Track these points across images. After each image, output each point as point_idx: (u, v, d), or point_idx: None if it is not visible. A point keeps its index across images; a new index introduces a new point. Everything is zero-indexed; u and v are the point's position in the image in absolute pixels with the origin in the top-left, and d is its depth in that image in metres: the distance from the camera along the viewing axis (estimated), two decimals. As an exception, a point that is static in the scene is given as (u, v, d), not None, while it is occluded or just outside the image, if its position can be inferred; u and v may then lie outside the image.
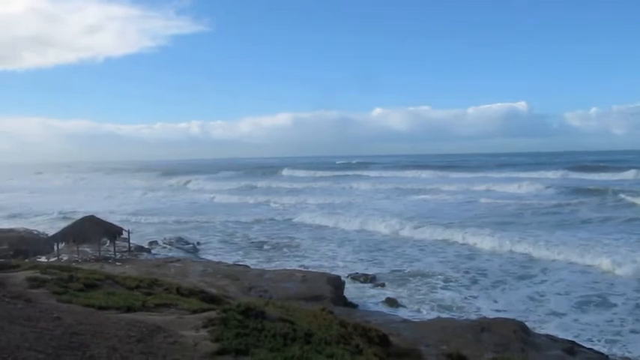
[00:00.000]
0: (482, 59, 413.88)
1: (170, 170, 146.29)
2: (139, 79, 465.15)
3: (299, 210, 55.78)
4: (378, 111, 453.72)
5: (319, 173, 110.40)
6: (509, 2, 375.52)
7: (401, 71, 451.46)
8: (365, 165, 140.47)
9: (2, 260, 18.00)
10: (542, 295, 24.73)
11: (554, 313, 22.31)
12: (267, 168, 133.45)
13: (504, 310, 22.38)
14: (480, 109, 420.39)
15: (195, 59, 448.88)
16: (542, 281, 27.03)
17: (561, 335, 18.80)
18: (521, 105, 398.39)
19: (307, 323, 10.64)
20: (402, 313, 21.93)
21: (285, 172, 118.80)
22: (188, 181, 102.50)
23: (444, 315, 21.69)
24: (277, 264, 31.59)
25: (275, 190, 79.69)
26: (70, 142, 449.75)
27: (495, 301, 24.17)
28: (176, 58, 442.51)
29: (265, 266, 30.49)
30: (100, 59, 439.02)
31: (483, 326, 17.80)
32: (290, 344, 8.60)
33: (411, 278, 27.89)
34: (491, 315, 20.89)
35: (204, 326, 8.83)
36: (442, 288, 26.22)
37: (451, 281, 27.24)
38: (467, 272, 28.86)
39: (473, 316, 21.14)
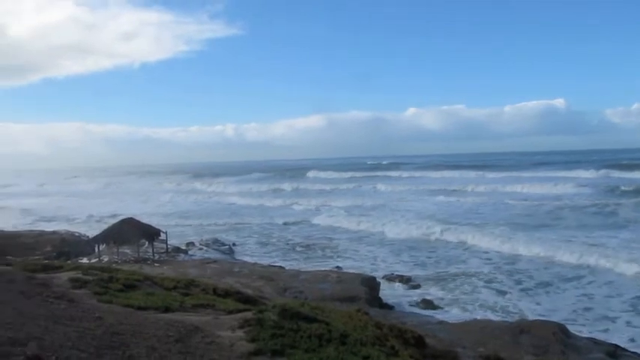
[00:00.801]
0: (519, 56, 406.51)
1: (205, 172, 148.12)
2: (174, 84, 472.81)
3: (330, 211, 55.42)
4: (412, 111, 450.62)
5: (350, 174, 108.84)
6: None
7: (435, 70, 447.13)
8: (397, 165, 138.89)
9: (46, 261, 18.52)
10: (590, 298, 23.91)
11: (605, 317, 21.48)
12: (299, 170, 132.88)
13: (548, 313, 21.77)
14: (517, 106, 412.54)
15: (229, 62, 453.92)
16: (590, 282, 26.10)
17: (612, 339, 18.05)
18: (559, 102, 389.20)
19: (342, 324, 10.65)
20: (439, 315, 21.69)
21: (319, 174, 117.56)
22: (221, 183, 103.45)
23: (483, 317, 21.33)
24: (312, 265, 31.66)
25: (308, 192, 79.22)
26: (108, 147, 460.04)
27: (538, 304, 23.50)
28: (210, 61, 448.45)
29: (300, 267, 30.61)
30: (137, 65, 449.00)
31: (522, 328, 17.47)
32: (325, 345, 8.63)
33: (448, 280, 27.49)
34: (536, 317, 20.31)
35: (241, 327, 8.93)
36: (482, 289, 25.67)
37: (492, 282, 26.66)
38: (510, 274, 28.11)
39: (516, 318, 20.63)
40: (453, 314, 22.06)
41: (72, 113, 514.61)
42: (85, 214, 59.52)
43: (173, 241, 36.27)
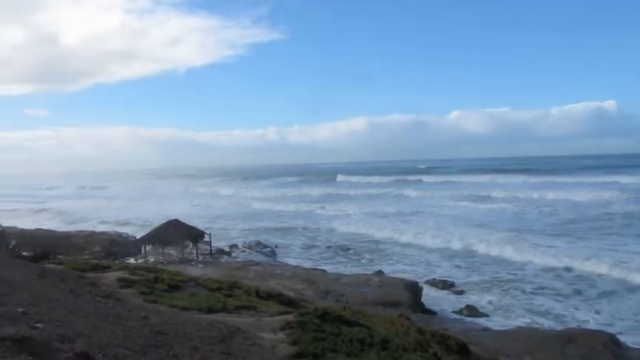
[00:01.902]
0: (567, 55, 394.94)
1: (242, 175, 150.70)
2: (218, 88, 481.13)
3: (348, 217, 54.52)
4: (455, 114, 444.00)
5: (385, 179, 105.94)
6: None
7: (479, 72, 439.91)
8: (434, 169, 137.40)
9: (95, 261, 19.06)
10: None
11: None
12: (335, 173, 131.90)
13: (607, 322, 20.98)
14: (564, 109, 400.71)
15: (272, 66, 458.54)
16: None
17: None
18: (610, 104, 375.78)
19: (384, 329, 10.56)
20: (483, 322, 21.28)
21: (349, 178, 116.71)
22: (265, 186, 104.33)
23: (532, 325, 20.75)
24: (354, 269, 31.57)
25: (333, 197, 78.20)
26: (154, 150, 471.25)
27: (597, 312, 22.63)
28: (253, 65, 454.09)
29: (342, 271, 30.57)
30: (182, 70, 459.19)
31: (570, 337, 16.96)
32: (367, 350, 8.57)
33: (494, 286, 26.85)
34: (593, 327, 19.70)
35: (282, 329, 8.95)
36: (534, 297, 24.96)
37: (545, 289, 25.88)
38: (568, 282, 27.01)
39: (573, 326, 19.95)
40: (499, 322, 21.59)
41: (120, 117, 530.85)
42: (131, 216, 60.99)
43: (217, 243, 36.78)
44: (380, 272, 29.21)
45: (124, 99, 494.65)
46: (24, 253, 24.23)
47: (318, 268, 31.31)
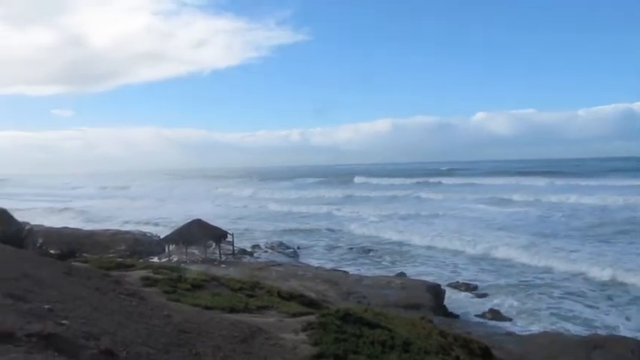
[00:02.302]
0: (594, 57, 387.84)
1: (264, 176, 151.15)
2: (242, 89, 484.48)
3: (363, 220, 54.04)
4: (480, 115, 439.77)
5: (414, 180, 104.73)
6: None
7: (504, 73, 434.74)
8: (455, 171, 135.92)
9: (120, 260, 19.31)
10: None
11: None
12: (357, 175, 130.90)
13: (639, 329, 20.47)
14: (592, 110, 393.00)
15: (296, 68, 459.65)
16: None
17: None
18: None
19: (406, 331, 10.51)
20: (507, 326, 21.02)
21: (368, 180, 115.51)
22: (285, 187, 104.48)
23: (558, 329, 20.35)
24: (376, 271, 31.46)
25: (370, 199, 77.65)
26: (180, 150, 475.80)
27: (628, 319, 22.11)
28: (277, 67, 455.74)
29: (364, 272, 30.49)
30: (207, 71, 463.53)
31: (596, 343, 16.67)
32: (388, 352, 8.54)
33: (518, 290, 26.41)
34: (622, 333, 19.26)
35: (304, 330, 8.96)
36: (559, 302, 24.50)
37: (573, 295, 25.38)
38: (600, 288, 26.36)
39: (603, 333, 19.55)
40: (523, 326, 21.29)
41: (146, 118, 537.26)
42: (145, 216, 61.55)
43: (239, 243, 36.99)
44: (402, 274, 29.07)
45: (150, 100, 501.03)
46: (51, 251, 24.65)
47: (340, 269, 31.29)
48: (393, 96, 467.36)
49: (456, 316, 22.58)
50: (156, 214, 63.00)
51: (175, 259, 31.62)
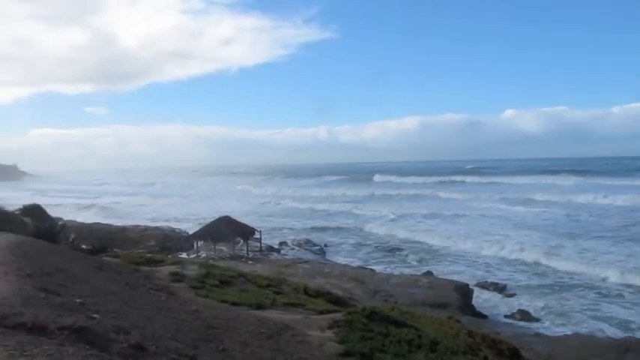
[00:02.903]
0: (628, 54, 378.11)
1: (295, 174, 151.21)
2: (270, 87, 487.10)
3: (379, 219, 52.87)
4: (509, 113, 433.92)
5: (439, 178, 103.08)
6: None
7: (534, 69, 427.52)
8: (480, 169, 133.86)
9: (149, 255, 19.61)
10: None
11: None
12: (384, 173, 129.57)
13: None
14: (626, 108, 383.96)
15: (323, 65, 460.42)
16: None
17: None
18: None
19: (433, 331, 10.43)
20: (536, 327, 20.68)
21: (389, 178, 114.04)
22: (310, 185, 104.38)
23: (591, 332, 19.88)
24: (403, 269, 31.31)
25: (393, 198, 76.22)
26: (208, 148, 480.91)
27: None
28: (304, 65, 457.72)
29: (391, 271, 30.36)
30: (235, 69, 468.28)
31: (629, 346, 16.29)
32: (415, 351, 8.49)
33: (548, 291, 25.93)
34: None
35: (330, 327, 8.97)
36: (591, 304, 23.84)
37: (607, 297, 24.70)
38: (633, 291, 25.45)
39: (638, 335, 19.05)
40: (552, 327, 20.92)
41: (175, 116, 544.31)
42: (174, 213, 62.17)
43: (267, 240, 37.17)
44: (429, 273, 28.85)
45: (179, 98, 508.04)
46: (83, 246, 25.16)
47: (367, 267, 31.21)
48: (421, 93, 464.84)
49: (484, 316, 22.31)
50: (182, 211, 63.71)
51: (204, 256, 31.95)
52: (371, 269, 30.14)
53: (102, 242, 27.58)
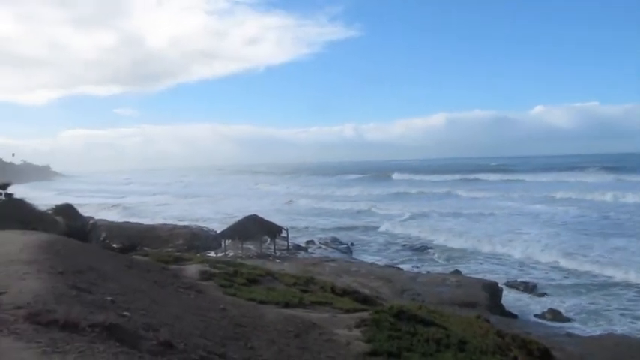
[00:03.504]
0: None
1: (320, 172, 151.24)
2: (295, 85, 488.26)
3: (393, 219, 51.42)
4: (539, 108, 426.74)
5: (462, 176, 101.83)
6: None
7: (564, 64, 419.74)
8: (505, 167, 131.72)
9: (178, 254, 19.83)
10: None
11: None
12: (414, 171, 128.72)
13: None
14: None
15: (349, 63, 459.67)
16: None
17: None
18: None
19: (461, 330, 10.33)
20: (568, 327, 20.30)
21: (411, 177, 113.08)
22: (332, 184, 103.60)
23: (627, 332, 19.40)
24: (430, 268, 31.07)
25: (416, 196, 75.06)
26: (235, 146, 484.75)
27: None
28: (330, 63, 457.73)
29: (418, 269, 30.16)
30: (261, 68, 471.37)
31: (665, 347, 15.90)
32: (443, 350, 8.41)
33: (581, 290, 25.35)
34: None
35: (357, 326, 8.95)
36: (627, 303, 23.22)
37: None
38: None
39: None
40: (584, 327, 20.50)
41: (202, 115, 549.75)
42: (199, 213, 62.47)
43: (294, 239, 37.26)
44: (457, 272, 28.57)
45: (206, 97, 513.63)
46: (113, 245, 25.57)
47: (394, 265, 31.06)
48: (448, 90, 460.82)
49: (514, 316, 21.99)
50: (205, 211, 63.93)
51: (231, 254, 32.18)
52: (398, 268, 29.99)
53: (131, 241, 27.98)
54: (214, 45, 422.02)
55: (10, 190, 26.25)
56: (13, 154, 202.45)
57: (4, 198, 21.07)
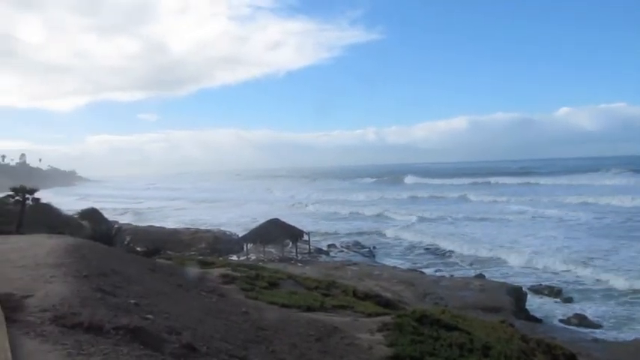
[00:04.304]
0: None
1: (342, 176, 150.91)
2: (317, 90, 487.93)
3: (396, 224, 51.36)
4: (564, 110, 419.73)
5: (488, 179, 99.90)
6: None
7: (589, 65, 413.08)
8: (527, 169, 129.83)
9: (200, 257, 20.00)
10: None
11: None
12: (415, 174, 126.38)
13: None
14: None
15: (370, 67, 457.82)
16: None
17: None
18: None
19: (485, 335, 10.22)
20: (594, 332, 19.92)
21: (420, 180, 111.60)
22: (345, 189, 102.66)
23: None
24: (453, 272, 30.76)
25: (426, 200, 73.50)
26: (257, 151, 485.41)
27: None
28: (351, 67, 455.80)
29: (441, 273, 29.91)
30: (282, 73, 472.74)
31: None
32: (467, 355, 8.33)
33: (608, 295, 24.82)
34: None
35: (379, 330, 8.91)
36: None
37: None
38: None
39: None
40: (612, 333, 20.08)
41: (225, 120, 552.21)
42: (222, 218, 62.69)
43: (315, 243, 37.27)
44: (481, 276, 28.27)
45: (228, 103, 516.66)
46: (137, 249, 25.85)
47: (417, 269, 30.84)
48: (470, 93, 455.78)
49: (539, 321, 21.65)
50: (221, 216, 63.50)
51: (253, 258, 32.33)
52: (420, 271, 29.78)
53: (155, 245, 28.25)
54: (236, 50, 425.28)
55: (36, 195, 26.70)
56: (40, 160, 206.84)
57: (31, 203, 21.46)
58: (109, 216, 47.86)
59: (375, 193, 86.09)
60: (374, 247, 39.46)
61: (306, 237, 34.79)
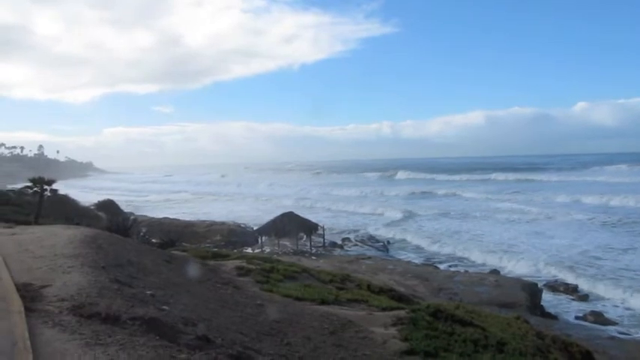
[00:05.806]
0: None
1: (356, 170, 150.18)
2: (331, 83, 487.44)
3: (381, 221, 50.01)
4: (581, 105, 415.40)
5: (507, 175, 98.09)
6: None
7: (607, 59, 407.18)
8: (535, 165, 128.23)
9: (215, 250, 20.11)
10: None
11: None
12: (406, 170, 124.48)
13: None
14: None
15: (385, 60, 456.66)
16: None
17: None
18: None
19: (500, 331, 10.16)
20: (610, 330, 19.71)
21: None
22: (348, 183, 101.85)
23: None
24: (468, 267, 30.59)
25: (431, 196, 72.33)
26: (271, 144, 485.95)
27: None
28: (366, 60, 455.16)
29: (455, 268, 29.75)
30: (296, 66, 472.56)
31: None
32: (481, 351, 8.28)
33: (625, 292, 24.62)
34: None
35: (394, 324, 8.89)
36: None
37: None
38: None
39: None
40: (630, 330, 19.85)
41: (239, 113, 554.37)
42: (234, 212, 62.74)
43: (329, 236, 37.27)
44: (496, 271, 28.09)
45: (243, 95, 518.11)
46: (153, 240, 26.08)
47: (431, 264, 30.73)
48: (486, 87, 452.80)
49: (554, 317, 21.46)
50: (224, 211, 63.24)
51: (268, 250, 32.45)
52: (435, 266, 29.67)
53: (170, 236, 28.49)
54: (251, 43, 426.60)
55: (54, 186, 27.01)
56: (58, 151, 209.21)
57: (49, 194, 21.73)
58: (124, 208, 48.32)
59: (385, 189, 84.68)
60: (388, 242, 39.34)
61: (320, 230, 34.81)
